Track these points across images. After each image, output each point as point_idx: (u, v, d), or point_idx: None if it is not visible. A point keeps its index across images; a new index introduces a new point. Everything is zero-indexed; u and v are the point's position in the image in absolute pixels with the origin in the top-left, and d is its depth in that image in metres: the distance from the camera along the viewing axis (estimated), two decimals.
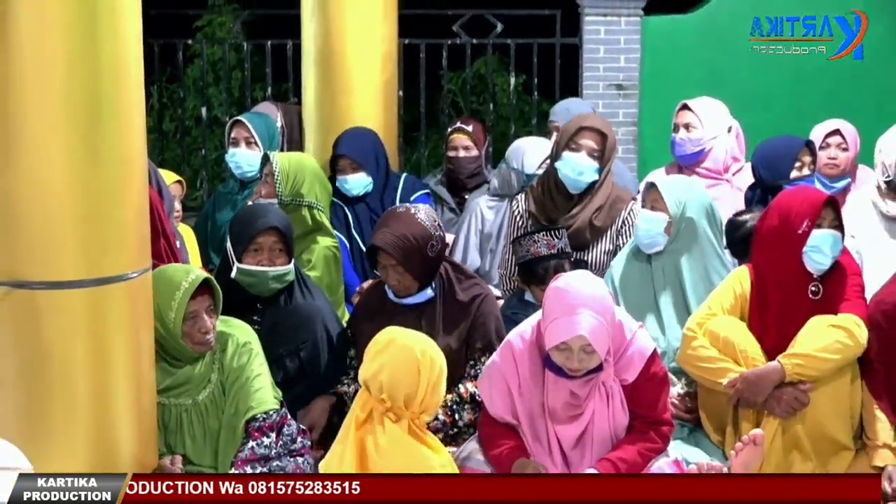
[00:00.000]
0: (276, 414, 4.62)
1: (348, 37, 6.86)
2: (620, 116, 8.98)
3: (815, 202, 5.07)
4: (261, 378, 4.65)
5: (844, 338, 4.93)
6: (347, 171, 6.57)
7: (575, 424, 4.56)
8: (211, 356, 4.67)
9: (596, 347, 4.37)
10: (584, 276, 4.66)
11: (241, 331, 4.76)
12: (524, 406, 4.60)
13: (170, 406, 4.66)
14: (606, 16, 9.07)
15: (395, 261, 5.03)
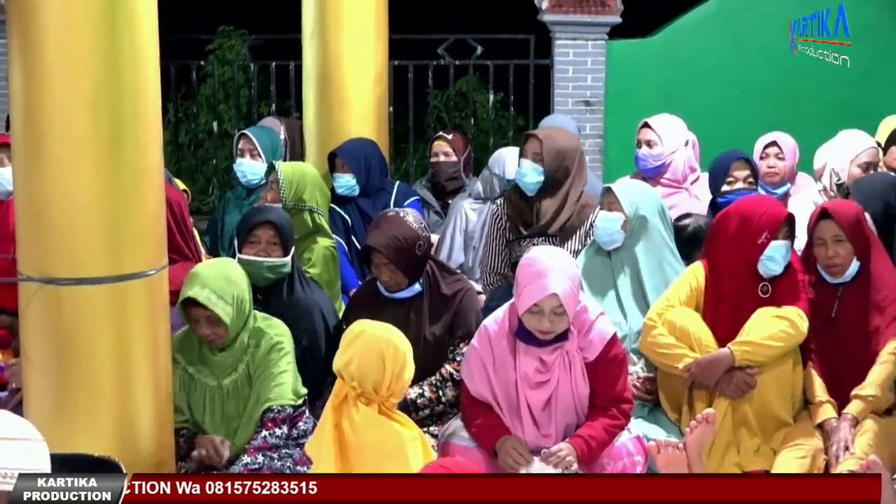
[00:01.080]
0: (291, 409, 4.60)
1: (344, 58, 6.86)
2: (588, 130, 8.97)
3: (777, 218, 5.08)
4: (285, 375, 4.64)
5: (787, 327, 4.95)
6: (338, 169, 6.64)
7: (543, 390, 4.57)
8: (243, 348, 4.66)
9: (566, 307, 4.39)
10: (551, 248, 4.77)
11: (277, 330, 4.74)
12: (499, 380, 4.60)
13: (197, 381, 4.69)
14: (575, 39, 9.07)
15: (388, 259, 5.03)
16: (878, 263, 5.06)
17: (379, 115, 7.08)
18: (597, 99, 9.11)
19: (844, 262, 5.00)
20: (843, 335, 5.02)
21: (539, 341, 4.52)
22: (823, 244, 5.01)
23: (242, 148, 6.81)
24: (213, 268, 4.72)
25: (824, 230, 5.00)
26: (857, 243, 4.99)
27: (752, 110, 8.68)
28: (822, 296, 5.09)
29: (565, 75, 9.12)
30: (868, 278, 5.03)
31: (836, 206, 5.08)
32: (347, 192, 6.59)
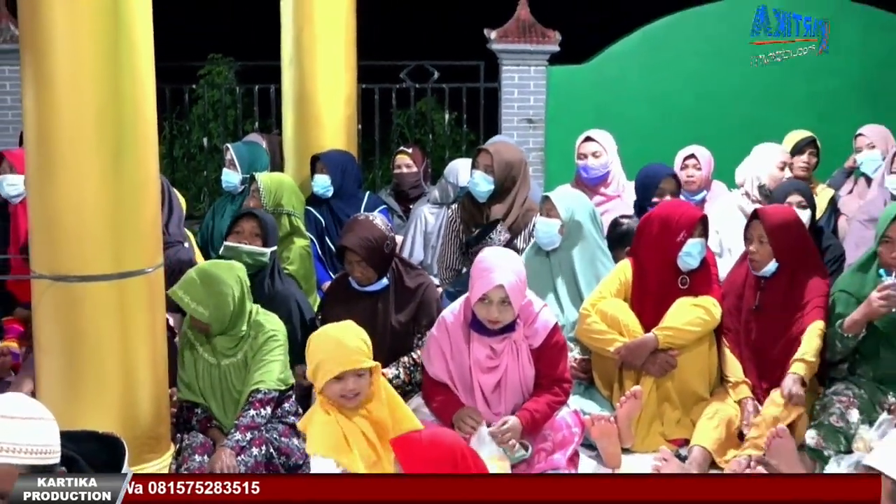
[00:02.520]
0: (276, 392, 4.56)
1: (318, 82, 6.84)
2: (531, 145, 8.99)
3: (692, 219, 5.11)
4: (274, 363, 4.60)
5: (703, 314, 4.98)
6: (318, 171, 6.63)
7: (493, 374, 4.56)
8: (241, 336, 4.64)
9: (511, 299, 4.38)
10: (499, 249, 4.79)
11: (272, 323, 4.71)
12: (455, 365, 4.59)
13: (201, 355, 4.67)
14: (519, 66, 9.07)
15: (360, 257, 5.02)
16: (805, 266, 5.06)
17: (349, 132, 7.07)
18: (539, 118, 9.12)
19: (763, 259, 5.01)
20: (764, 322, 5.03)
21: (489, 331, 4.51)
22: (750, 241, 5.05)
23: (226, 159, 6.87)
24: (200, 272, 4.67)
25: (753, 229, 5.05)
26: (778, 245, 4.99)
27: (674, 127, 8.71)
28: (749, 287, 5.11)
29: (511, 97, 9.13)
30: (790, 276, 5.03)
31: (768, 211, 5.08)
32: (323, 192, 6.58)
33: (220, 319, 4.59)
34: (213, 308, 4.57)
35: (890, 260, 4.83)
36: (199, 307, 4.56)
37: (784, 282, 5.03)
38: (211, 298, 4.57)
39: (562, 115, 8.99)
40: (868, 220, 6.00)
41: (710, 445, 4.77)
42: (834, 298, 4.99)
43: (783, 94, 9.03)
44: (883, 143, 6.79)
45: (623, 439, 4.79)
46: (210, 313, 4.57)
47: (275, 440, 4.47)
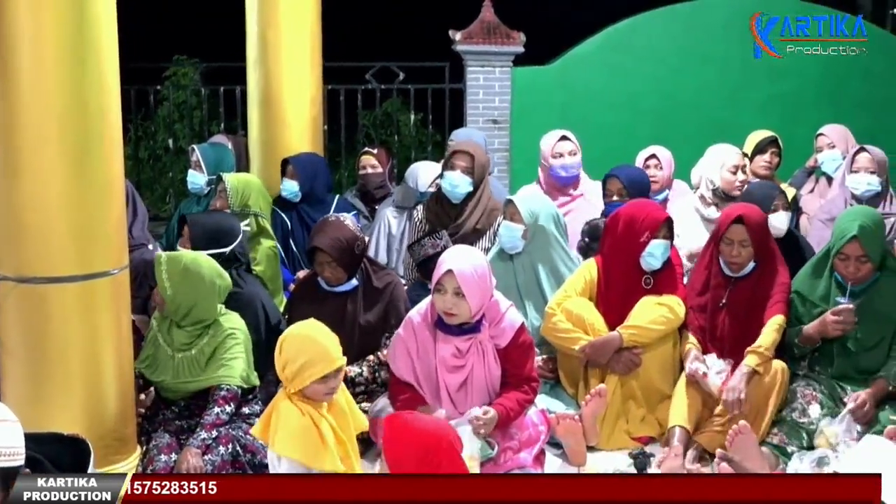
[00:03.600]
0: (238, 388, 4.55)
1: (283, 83, 6.82)
2: (496, 145, 9.00)
3: (656, 220, 5.14)
4: (235, 360, 4.59)
5: (667, 313, 5.01)
6: (288, 175, 6.59)
7: (459, 373, 4.57)
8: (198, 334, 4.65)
9: (465, 290, 4.39)
10: (462, 246, 4.81)
11: (231, 322, 4.71)
12: (420, 365, 4.60)
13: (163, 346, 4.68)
14: (484, 67, 9.09)
15: (331, 258, 5.02)
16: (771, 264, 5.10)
17: (314, 133, 7.05)
18: (503, 118, 9.14)
19: (744, 261, 5.03)
20: (731, 319, 5.05)
21: (455, 331, 4.53)
22: (731, 244, 5.02)
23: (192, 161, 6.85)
24: (192, 258, 4.70)
25: (735, 233, 5.01)
26: (759, 248, 5.03)
27: (636, 128, 8.76)
28: (718, 285, 5.12)
29: (476, 98, 9.14)
30: (759, 275, 5.07)
31: (749, 214, 5.05)
32: (291, 197, 6.56)
33: (175, 305, 4.62)
34: (176, 292, 4.60)
35: (845, 273, 4.88)
36: (167, 282, 4.60)
37: (752, 279, 5.08)
38: (181, 284, 4.59)
39: (526, 116, 9.01)
40: (829, 219, 6.05)
41: (688, 423, 4.82)
42: (791, 297, 5.06)
43: (746, 95, 9.09)
44: (843, 142, 6.85)
45: (588, 437, 4.80)
46: (171, 294, 4.60)
47: (240, 437, 4.46)
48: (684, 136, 8.45)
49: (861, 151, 6.20)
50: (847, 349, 4.91)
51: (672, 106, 9.09)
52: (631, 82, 9.14)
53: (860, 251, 4.83)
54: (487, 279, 4.50)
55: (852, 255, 4.84)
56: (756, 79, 9.11)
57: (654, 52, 9.13)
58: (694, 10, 9.17)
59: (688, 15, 9.18)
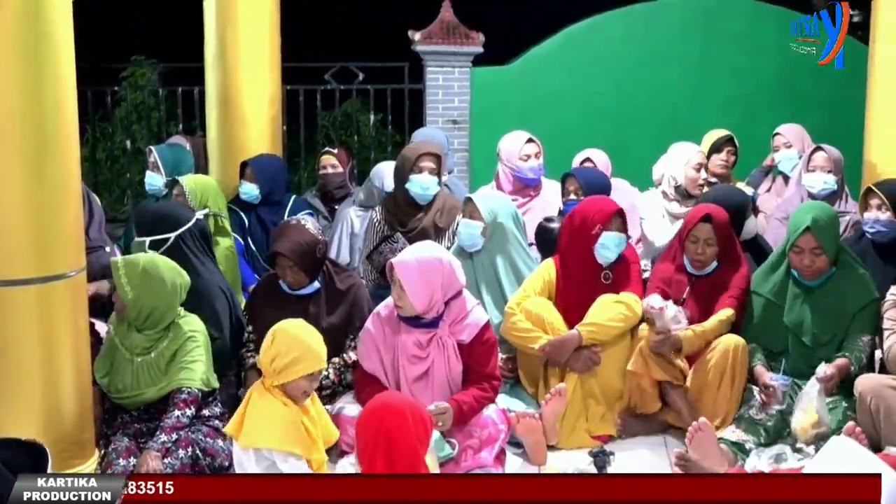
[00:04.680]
0: (199, 392, 4.55)
1: (242, 84, 6.79)
2: (455, 145, 8.99)
3: (607, 212, 5.17)
4: (196, 363, 4.59)
5: (625, 310, 5.05)
6: (246, 178, 6.56)
7: (419, 365, 4.64)
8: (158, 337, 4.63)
9: (404, 284, 4.49)
10: (425, 242, 4.85)
11: (191, 325, 4.70)
12: (386, 356, 4.68)
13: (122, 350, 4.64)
14: (443, 67, 9.10)
15: (293, 262, 5.02)
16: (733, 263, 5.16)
17: (273, 134, 7.03)
18: (463, 119, 9.15)
19: (708, 260, 5.10)
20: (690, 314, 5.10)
21: (417, 323, 4.61)
22: (697, 242, 5.09)
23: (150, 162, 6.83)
24: (148, 260, 4.69)
25: (701, 231, 5.08)
26: (723, 247, 5.09)
27: (597, 128, 8.79)
28: (679, 283, 5.18)
29: (436, 98, 9.15)
30: (720, 274, 5.13)
31: (717, 214, 5.11)
32: (250, 199, 6.54)
33: (137, 309, 4.59)
34: (137, 296, 4.57)
35: (800, 266, 4.94)
36: (126, 286, 4.56)
37: (713, 277, 5.14)
38: (141, 287, 4.57)
39: (486, 116, 9.03)
40: (785, 217, 6.09)
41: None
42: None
43: (704, 95, 9.15)
44: (799, 142, 6.91)
45: (548, 436, 4.83)
46: (132, 298, 4.57)
47: (200, 441, 4.45)
48: (643, 135, 8.53)
49: (817, 151, 6.25)
50: (803, 344, 4.96)
51: (631, 106, 9.14)
52: (590, 82, 9.17)
53: (814, 243, 4.89)
54: (437, 274, 4.56)
55: (806, 247, 4.91)
56: (714, 79, 9.18)
57: (613, 52, 9.18)
58: (653, 10, 9.23)
59: (647, 15, 9.23)
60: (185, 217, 5.32)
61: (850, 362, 4.79)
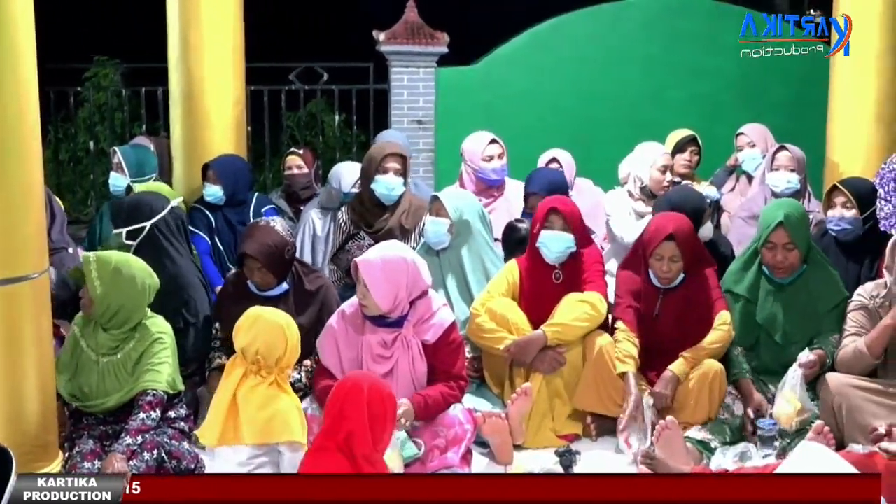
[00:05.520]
0: (165, 394, 4.54)
1: (206, 84, 6.75)
2: (420, 146, 9.01)
3: (543, 209, 5.24)
4: (162, 365, 4.57)
5: (590, 310, 5.06)
6: (209, 180, 6.50)
7: (383, 364, 4.62)
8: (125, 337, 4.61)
9: (366, 281, 4.51)
10: (390, 241, 4.85)
11: (158, 327, 4.68)
12: (347, 354, 4.66)
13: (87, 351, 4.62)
14: (408, 67, 9.10)
15: (261, 264, 5.02)
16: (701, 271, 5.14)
17: (238, 134, 7.00)
18: (428, 119, 9.15)
19: (675, 276, 5.07)
20: (664, 329, 5.10)
21: (382, 322, 4.61)
22: (662, 260, 5.04)
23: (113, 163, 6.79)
24: (121, 257, 4.69)
25: (666, 249, 5.03)
26: (689, 261, 5.07)
27: (561, 128, 8.80)
28: (649, 297, 5.15)
29: (401, 98, 9.14)
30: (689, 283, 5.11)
31: (681, 229, 5.05)
32: (215, 202, 6.49)
33: (104, 306, 4.57)
34: (106, 292, 4.56)
35: (773, 262, 4.96)
36: (96, 281, 4.55)
37: (682, 289, 5.12)
38: (111, 284, 4.56)
39: (451, 116, 9.03)
40: (749, 216, 6.15)
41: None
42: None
43: (668, 94, 9.19)
44: (763, 141, 6.96)
45: (515, 436, 4.84)
46: (101, 294, 4.55)
47: (166, 444, 4.43)
48: (607, 135, 8.56)
49: (781, 150, 6.29)
50: (774, 343, 4.99)
51: (594, 105, 9.16)
52: (554, 82, 9.19)
53: (786, 238, 4.94)
54: (401, 273, 4.56)
55: (779, 242, 4.95)
56: (678, 79, 9.22)
57: (578, 52, 9.20)
58: (617, 10, 9.26)
59: (611, 15, 9.26)
60: (160, 205, 5.39)
61: (826, 354, 4.84)
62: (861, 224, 5.39)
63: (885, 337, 4.66)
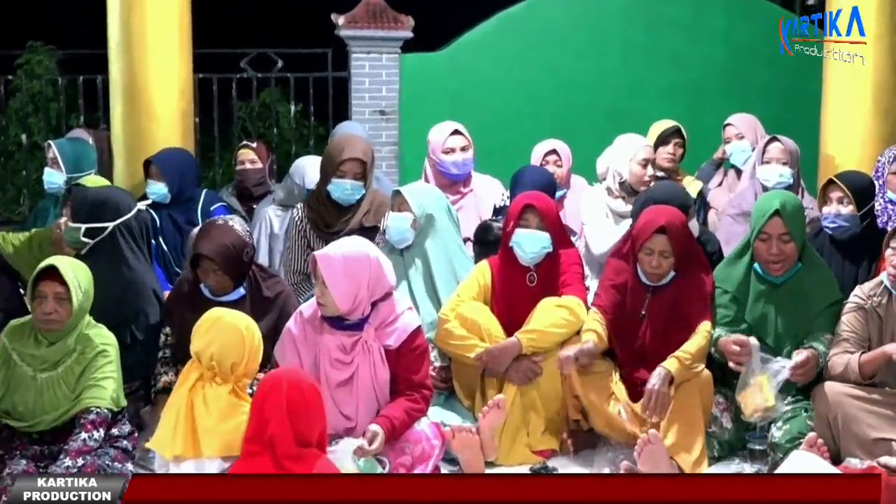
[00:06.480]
0: (108, 413, 4.50)
1: (150, 72, 6.73)
2: (384, 138, 9.00)
3: (517, 206, 5.24)
4: (107, 381, 4.54)
5: (568, 315, 5.06)
6: (152, 177, 6.47)
7: (343, 370, 4.61)
8: (67, 350, 4.57)
9: (326, 278, 4.49)
10: (352, 237, 4.90)
11: (102, 338, 4.66)
12: (306, 359, 4.64)
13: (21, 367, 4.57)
14: (370, 53, 9.08)
15: (217, 266, 5.00)
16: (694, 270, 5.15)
17: (185, 126, 6.98)
18: (391, 109, 9.14)
19: (665, 272, 5.07)
20: (651, 328, 5.10)
21: (341, 326, 4.59)
22: (651, 254, 5.04)
23: (48, 158, 6.74)
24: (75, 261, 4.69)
25: (656, 243, 5.02)
26: (680, 258, 5.07)
27: (534, 118, 8.83)
28: (636, 295, 5.15)
29: (362, 87, 9.13)
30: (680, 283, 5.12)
31: (672, 223, 5.06)
32: (159, 200, 6.46)
33: (79, 314, 4.57)
34: (83, 297, 4.56)
35: (767, 256, 4.97)
36: (77, 290, 4.53)
37: (672, 288, 5.12)
38: (83, 286, 4.57)
39: (416, 106, 9.01)
40: (739, 213, 6.16)
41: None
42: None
43: (649, 82, 9.21)
44: (752, 133, 6.97)
45: (486, 452, 4.83)
46: (81, 300, 4.55)
47: (108, 466, 4.39)
48: (584, 125, 8.57)
49: (773, 141, 6.31)
50: (766, 346, 4.99)
51: (571, 94, 9.17)
52: (527, 69, 9.19)
53: (782, 228, 4.94)
54: (363, 270, 4.56)
55: (774, 233, 4.95)
56: (659, 65, 9.24)
57: (552, 37, 9.19)
58: None
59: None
60: (126, 206, 5.37)
61: (818, 355, 4.84)
62: (858, 221, 5.40)
63: (881, 363, 4.66)
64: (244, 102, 10.19)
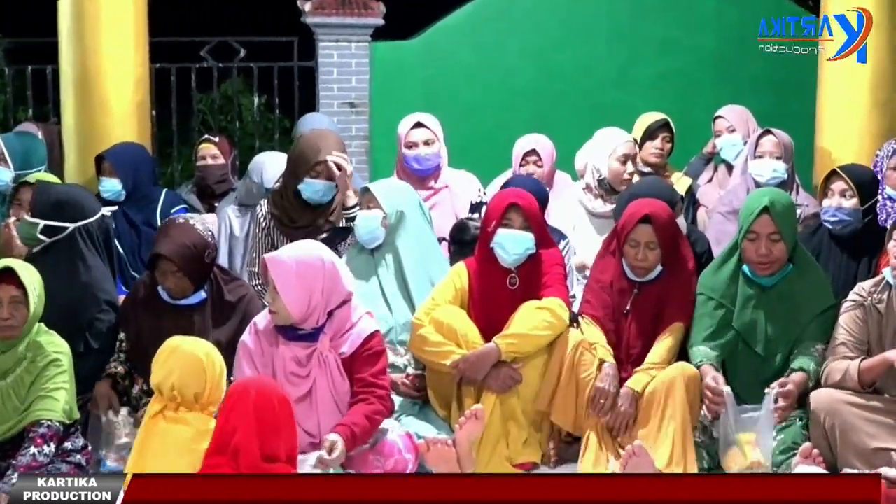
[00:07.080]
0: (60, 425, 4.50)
1: (103, 62, 6.71)
2: (353, 131, 8.99)
3: (500, 205, 5.23)
4: (59, 392, 4.54)
5: (549, 317, 5.06)
6: (105, 173, 6.45)
7: (301, 384, 4.62)
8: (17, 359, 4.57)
9: (276, 284, 4.52)
10: (306, 241, 4.88)
11: (54, 346, 4.65)
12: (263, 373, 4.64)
13: None
14: (338, 41, 9.08)
15: (176, 267, 4.99)
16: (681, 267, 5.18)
17: (141, 119, 6.96)
18: (362, 101, 9.13)
19: (651, 265, 5.10)
20: (636, 325, 5.14)
21: (296, 336, 4.61)
22: (637, 246, 5.07)
23: None
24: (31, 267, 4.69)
25: (641, 234, 5.06)
26: (667, 250, 5.09)
27: (513, 110, 8.85)
28: (621, 290, 5.18)
29: (330, 77, 9.13)
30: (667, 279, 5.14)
31: (657, 212, 5.09)
32: (113, 197, 6.44)
33: (33, 321, 4.59)
34: (37, 304, 4.58)
35: (755, 257, 4.98)
36: (34, 295, 4.56)
37: (658, 284, 5.16)
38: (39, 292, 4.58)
39: (388, 98, 9.01)
40: (729, 211, 6.17)
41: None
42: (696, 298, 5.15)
43: (635, 72, 9.23)
44: (744, 126, 6.98)
45: (463, 465, 4.81)
46: (36, 305, 4.57)
47: None
48: (566, 117, 8.58)
49: (766, 134, 6.33)
50: (754, 354, 5.00)
51: (553, 84, 9.18)
52: (505, 58, 9.20)
53: (771, 227, 4.95)
54: (316, 275, 4.58)
55: (762, 232, 4.95)
56: (646, 54, 9.26)
57: (531, 24, 9.21)
58: None
59: None
60: (90, 209, 5.37)
61: (807, 378, 4.85)
62: (860, 216, 5.42)
63: (882, 371, 4.68)
64: (204, 94, 10.17)
